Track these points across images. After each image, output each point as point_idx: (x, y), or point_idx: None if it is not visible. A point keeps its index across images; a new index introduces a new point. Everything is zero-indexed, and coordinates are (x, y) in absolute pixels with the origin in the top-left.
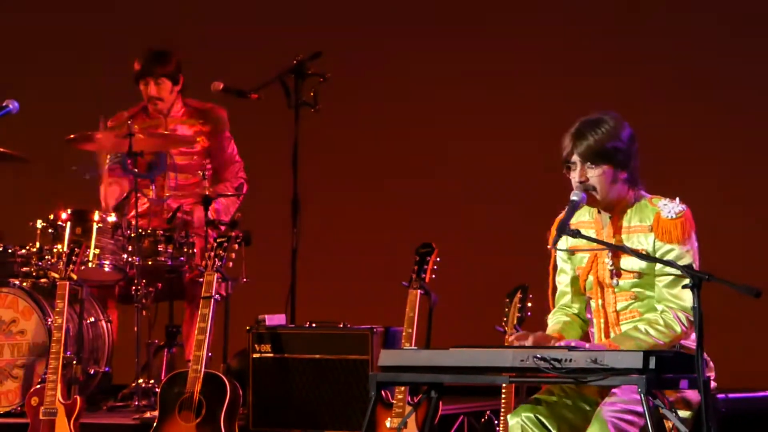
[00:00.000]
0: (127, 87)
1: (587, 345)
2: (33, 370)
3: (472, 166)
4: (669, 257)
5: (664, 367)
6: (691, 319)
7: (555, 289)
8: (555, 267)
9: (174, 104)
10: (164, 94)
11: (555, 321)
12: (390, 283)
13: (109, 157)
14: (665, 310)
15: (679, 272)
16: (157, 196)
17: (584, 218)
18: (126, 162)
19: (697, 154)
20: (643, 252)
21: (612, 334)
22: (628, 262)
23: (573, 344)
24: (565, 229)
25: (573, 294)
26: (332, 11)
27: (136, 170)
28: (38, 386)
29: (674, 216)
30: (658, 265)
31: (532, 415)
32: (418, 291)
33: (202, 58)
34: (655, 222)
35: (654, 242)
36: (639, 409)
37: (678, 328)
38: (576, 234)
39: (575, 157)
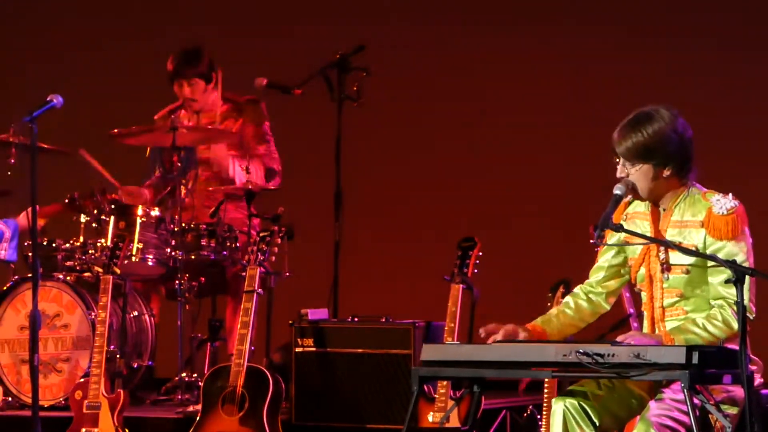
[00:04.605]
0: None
1: (633, 339)
2: (77, 364)
3: (515, 160)
4: (720, 254)
5: (707, 363)
6: (749, 316)
7: None
8: None
9: (210, 98)
10: (197, 94)
11: (561, 306)
12: (432, 277)
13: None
14: (724, 306)
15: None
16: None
17: (640, 209)
18: (162, 160)
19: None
20: (693, 248)
21: (657, 330)
22: (677, 257)
23: (618, 339)
24: (607, 223)
25: (603, 280)
26: (375, 4)
27: (176, 171)
28: (82, 380)
29: (725, 212)
30: (709, 262)
31: (576, 403)
32: (461, 285)
33: (244, 53)
34: (707, 218)
35: (705, 238)
36: (685, 409)
37: (735, 325)
38: (618, 228)
39: (618, 153)
